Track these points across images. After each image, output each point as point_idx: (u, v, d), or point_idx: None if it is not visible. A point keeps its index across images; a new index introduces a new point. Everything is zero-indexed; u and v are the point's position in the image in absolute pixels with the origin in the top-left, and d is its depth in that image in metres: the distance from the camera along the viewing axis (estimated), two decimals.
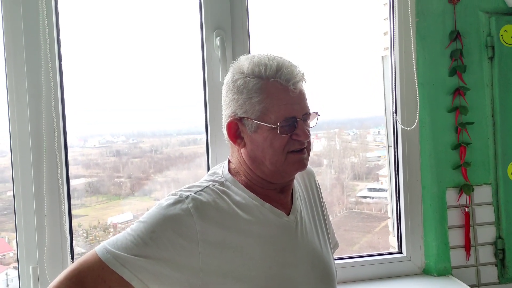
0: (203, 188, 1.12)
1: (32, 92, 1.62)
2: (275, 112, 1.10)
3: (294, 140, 1.12)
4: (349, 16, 2.12)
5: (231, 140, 1.17)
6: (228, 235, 1.08)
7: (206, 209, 1.08)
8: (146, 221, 1.06)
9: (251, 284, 1.07)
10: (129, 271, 1.01)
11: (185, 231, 1.05)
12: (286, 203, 1.20)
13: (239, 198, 1.13)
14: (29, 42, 1.61)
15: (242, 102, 1.12)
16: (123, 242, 1.05)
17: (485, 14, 1.94)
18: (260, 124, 1.11)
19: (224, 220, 1.09)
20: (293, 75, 1.11)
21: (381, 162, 2.41)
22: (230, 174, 1.18)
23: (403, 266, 1.95)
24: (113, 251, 1.03)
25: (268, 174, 1.14)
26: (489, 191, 1.97)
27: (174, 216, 1.05)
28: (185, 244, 1.04)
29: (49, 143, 1.63)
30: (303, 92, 1.15)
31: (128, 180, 2.08)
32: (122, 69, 1.90)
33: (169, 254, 1.03)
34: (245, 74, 1.13)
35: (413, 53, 1.89)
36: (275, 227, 1.14)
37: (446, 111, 1.93)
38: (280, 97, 1.10)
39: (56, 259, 1.65)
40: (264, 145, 1.11)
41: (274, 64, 1.12)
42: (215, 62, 1.75)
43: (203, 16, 1.76)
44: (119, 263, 1.01)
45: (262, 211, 1.14)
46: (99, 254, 1.03)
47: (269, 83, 1.11)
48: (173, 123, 2.05)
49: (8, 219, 1.83)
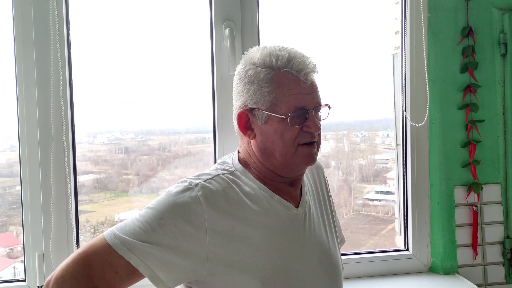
0: (213, 176, 1.11)
1: (41, 80, 1.62)
2: (285, 103, 1.08)
3: (304, 132, 1.11)
4: (360, 16, 2.09)
5: (241, 131, 1.16)
6: (237, 225, 1.07)
7: (215, 198, 1.07)
8: (155, 207, 1.06)
9: (257, 275, 1.06)
10: (136, 256, 1.00)
11: (193, 219, 1.04)
12: (295, 196, 1.19)
13: (249, 189, 1.13)
14: (38, 30, 1.61)
15: (253, 92, 1.11)
16: (131, 227, 1.04)
17: (498, 10, 1.92)
18: (271, 115, 1.10)
19: (233, 210, 1.08)
20: (304, 66, 1.10)
21: (389, 165, 2.40)
22: (240, 164, 1.17)
23: (409, 264, 1.94)
24: (121, 236, 1.02)
25: (277, 167, 1.13)
26: (498, 190, 1.95)
27: (183, 204, 1.04)
28: (193, 232, 1.03)
29: (57, 131, 1.64)
30: (315, 84, 1.13)
31: (136, 177, 2.09)
32: (131, 64, 1.90)
33: (177, 242, 1.03)
34: (256, 65, 1.12)
35: (425, 49, 1.87)
36: (283, 219, 1.13)
37: (457, 108, 1.91)
38: (291, 88, 1.09)
39: (62, 247, 1.66)
40: (275, 136, 1.10)
41: (286, 55, 1.11)
42: (224, 54, 1.74)
43: (213, 7, 1.75)
44: (127, 248, 1.01)
45: (271, 203, 1.13)
46: (107, 239, 1.03)
47: (280, 74, 1.09)
48: (182, 121, 2.05)
49: (16, 213, 1.84)
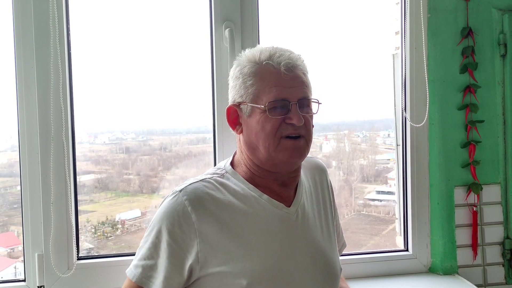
0: (199, 180, 1.14)
1: (41, 80, 1.62)
2: (266, 94, 1.10)
3: (287, 124, 1.11)
4: (360, 16, 2.09)
5: (230, 126, 1.20)
6: (224, 225, 1.08)
7: (201, 200, 1.09)
8: (152, 224, 1.13)
9: (246, 275, 1.07)
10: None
11: (182, 222, 1.07)
12: (288, 197, 1.19)
13: (238, 189, 1.14)
14: (38, 30, 1.61)
15: (239, 87, 1.15)
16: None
17: (498, 11, 1.92)
18: (254, 106, 1.12)
19: (220, 211, 1.09)
20: (284, 58, 1.11)
21: (390, 165, 2.39)
22: (231, 166, 1.20)
23: (409, 264, 1.94)
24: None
25: (263, 161, 1.14)
26: (498, 191, 1.95)
27: (171, 212, 1.09)
28: (184, 236, 1.07)
29: (57, 131, 1.64)
30: (300, 78, 1.13)
31: (137, 177, 2.09)
32: (131, 65, 1.90)
33: (171, 251, 1.08)
34: (243, 61, 1.16)
35: (424, 49, 1.87)
36: (273, 218, 1.13)
37: (456, 108, 1.91)
38: (272, 80, 1.11)
39: (62, 247, 1.66)
40: (257, 128, 1.12)
41: (269, 49, 1.14)
42: (224, 54, 1.75)
43: (213, 7, 1.76)
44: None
45: (260, 202, 1.14)
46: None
47: (262, 67, 1.12)
48: (183, 121, 2.05)
49: (17, 213, 1.83)
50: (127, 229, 2.08)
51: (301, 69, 1.14)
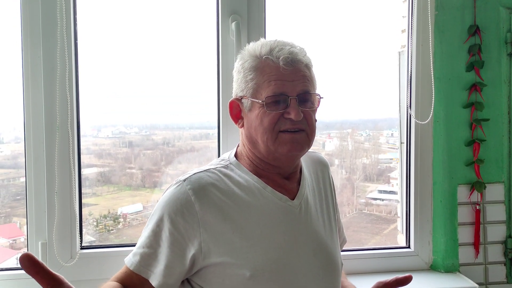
0: (203, 170, 1.15)
1: (47, 71, 1.63)
2: (265, 88, 1.11)
3: (285, 118, 1.11)
4: (367, 14, 2.08)
5: (232, 119, 1.21)
6: (228, 216, 1.08)
7: (205, 190, 1.09)
8: (154, 213, 1.13)
9: (249, 266, 1.07)
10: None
11: (185, 212, 1.07)
12: (292, 189, 1.19)
13: (241, 180, 1.14)
14: (45, 20, 1.62)
15: (240, 81, 1.16)
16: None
17: (505, 9, 1.91)
18: (253, 101, 1.12)
19: (224, 201, 1.09)
20: (284, 52, 1.11)
21: (393, 165, 2.39)
22: (235, 158, 1.21)
23: (410, 261, 1.94)
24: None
25: (263, 155, 1.15)
26: (502, 189, 1.95)
27: (174, 200, 1.09)
28: (186, 226, 1.07)
29: (62, 121, 1.64)
30: (301, 72, 1.12)
31: (140, 171, 2.09)
32: (136, 58, 1.90)
33: (173, 240, 1.08)
34: (245, 55, 1.17)
35: (431, 47, 1.86)
36: (276, 210, 1.14)
37: (462, 106, 1.91)
38: (271, 74, 1.11)
39: (65, 236, 1.66)
40: (256, 122, 1.12)
41: (271, 43, 1.14)
42: (230, 48, 1.75)
43: (220, 0, 1.75)
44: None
45: (264, 194, 1.14)
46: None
47: (262, 61, 1.13)
48: (186, 116, 2.05)
49: (20, 204, 1.84)
50: (129, 223, 2.08)
51: (303, 63, 1.13)
